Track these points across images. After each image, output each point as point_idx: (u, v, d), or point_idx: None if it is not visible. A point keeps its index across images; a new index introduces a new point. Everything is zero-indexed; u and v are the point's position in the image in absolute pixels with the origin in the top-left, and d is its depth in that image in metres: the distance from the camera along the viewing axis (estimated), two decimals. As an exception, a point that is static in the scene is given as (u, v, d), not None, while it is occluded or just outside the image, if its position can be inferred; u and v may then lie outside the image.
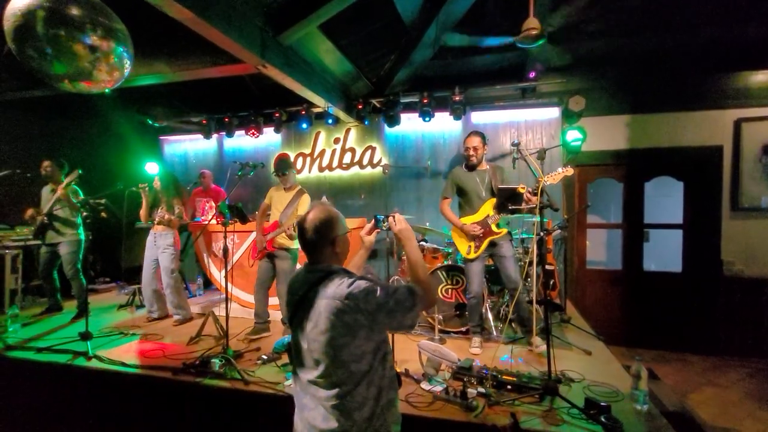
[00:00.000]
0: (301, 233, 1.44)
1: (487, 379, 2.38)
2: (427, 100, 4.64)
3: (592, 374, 2.57)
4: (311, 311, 1.34)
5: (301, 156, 5.55)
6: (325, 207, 1.47)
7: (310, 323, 1.34)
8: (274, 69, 3.21)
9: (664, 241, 5.06)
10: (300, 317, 1.38)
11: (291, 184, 3.54)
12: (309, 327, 1.34)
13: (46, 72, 1.68)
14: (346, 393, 1.31)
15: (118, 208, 3.83)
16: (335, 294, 1.31)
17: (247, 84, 5.27)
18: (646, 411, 2.10)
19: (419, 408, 2.17)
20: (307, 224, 1.42)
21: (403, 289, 1.37)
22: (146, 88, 4.60)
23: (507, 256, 3.00)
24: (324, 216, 1.43)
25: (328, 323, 1.30)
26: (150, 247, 3.91)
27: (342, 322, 1.29)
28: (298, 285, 1.44)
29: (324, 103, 4.38)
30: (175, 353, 3.05)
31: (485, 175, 3.12)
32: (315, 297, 1.34)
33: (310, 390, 1.37)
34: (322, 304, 1.32)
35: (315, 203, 1.51)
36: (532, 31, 2.68)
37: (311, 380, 1.35)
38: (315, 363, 1.35)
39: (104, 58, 1.77)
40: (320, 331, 1.31)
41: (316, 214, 1.43)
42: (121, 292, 5.31)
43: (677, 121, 4.51)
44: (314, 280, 1.38)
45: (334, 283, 1.35)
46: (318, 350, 1.32)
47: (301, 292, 1.39)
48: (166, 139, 6.39)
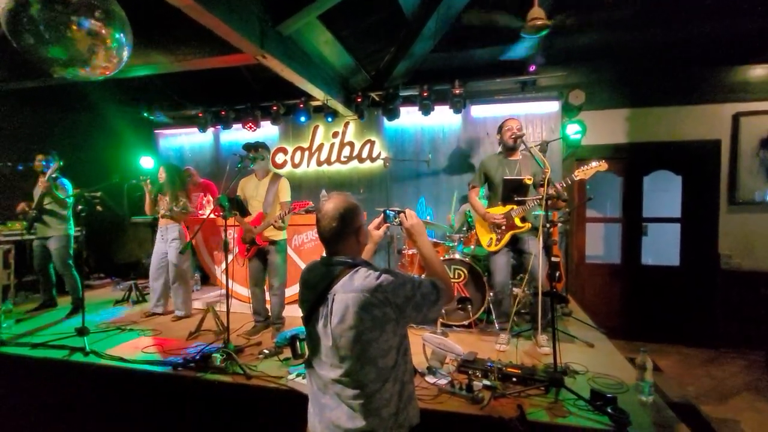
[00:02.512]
0: (322, 223, 1.35)
1: (492, 371, 2.37)
2: (426, 93, 4.60)
3: (596, 366, 2.57)
4: (336, 305, 1.28)
5: (300, 150, 5.49)
6: (345, 196, 1.39)
7: (335, 318, 1.27)
8: (273, 59, 3.15)
9: (661, 235, 5.09)
10: (321, 312, 1.32)
11: (265, 170, 3.31)
12: (334, 322, 1.27)
13: (42, 57, 1.62)
14: (375, 391, 1.27)
15: (115, 201, 3.75)
16: (364, 287, 1.26)
17: (244, 76, 5.18)
18: (651, 402, 2.10)
19: (424, 401, 2.15)
20: (330, 213, 1.33)
21: (427, 283, 1.34)
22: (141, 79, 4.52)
23: (531, 252, 2.87)
24: (348, 205, 1.36)
25: (356, 318, 1.24)
26: (158, 241, 3.87)
27: (371, 316, 1.24)
28: (317, 278, 1.36)
29: (323, 95, 4.33)
30: (175, 348, 3.01)
31: (516, 164, 2.98)
32: (340, 290, 1.28)
33: (333, 389, 1.30)
34: (350, 298, 1.26)
35: (331, 193, 1.43)
36: (536, 21, 2.65)
37: (335, 379, 1.29)
38: (340, 360, 1.28)
39: (102, 44, 1.71)
40: (348, 326, 1.25)
41: (339, 203, 1.35)
42: (116, 288, 5.23)
43: (676, 115, 4.52)
44: (338, 273, 1.31)
45: (360, 275, 1.29)
46: (345, 346, 1.26)
47: (322, 286, 1.32)
48: (161, 133, 6.29)
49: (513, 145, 2.94)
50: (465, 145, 4.97)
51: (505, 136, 3.00)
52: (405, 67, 4.75)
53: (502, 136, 3.05)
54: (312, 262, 1.46)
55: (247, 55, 3.12)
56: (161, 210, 3.81)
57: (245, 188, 3.27)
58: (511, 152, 3.02)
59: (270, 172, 3.29)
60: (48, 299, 4.22)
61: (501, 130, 3.09)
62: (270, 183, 3.20)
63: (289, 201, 3.23)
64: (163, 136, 6.32)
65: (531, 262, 2.90)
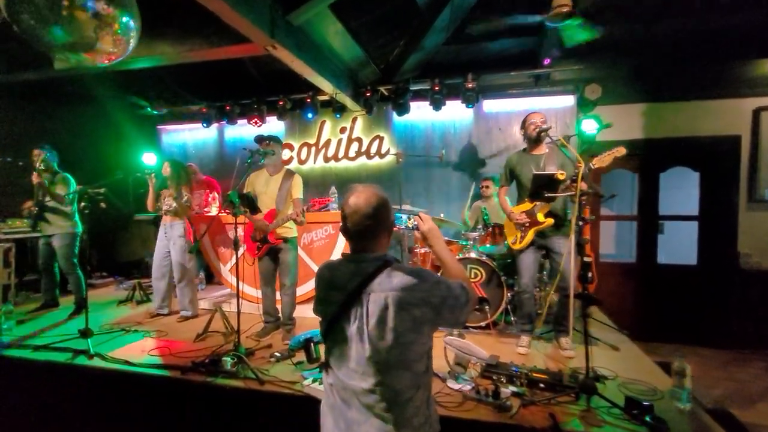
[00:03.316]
0: (353, 218, 1.23)
1: (518, 377, 2.26)
2: (438, 87, 4.47)
3: (624, 371, 2.46)
4: (372, 306, 1.17)
5: (306, 146, 5.36)
6: (374, 188, 1.27)
7: (372, 319, 1.16)
8: (283, 50, 3.02)
9: (675, 233, 4.98)
10: (354, 314, 1.20)
11: (277, 165, 3.17)
12: (372, 324, 1.16)
13: (44, 41, 1.50)
14: (408, 399, 1.19)
15: (118, 198, 3.63)
16: (403, 285, 1.17)
17: (248, 70, 5.06)
18: (689, 410, 1.99)
19: (449, 408, 2.04)
20: (363, 208, 1.22)
21: (456, 284, 1.25)
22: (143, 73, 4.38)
23: (561, 253, 2.73)
24: (381, 199, 1.25)
25: (397, 318, 1.15)
26: (161, 239, 3.74)
27: (411, 316, 1.16)
28: (345, 277, 1.23)
29: (332, 89, 4.20)
30: (183, 351, 2.89)
31: (541, 159, 2.83)
32: (377, 289, 1.18)
33: (363, 400, 1.19)
34: (389, 297, 1.16)
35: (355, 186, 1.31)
36: (563, 8, 2.53)
37: (368, 389, 1.17)
38: (375, 366, 1.17)
39: (108, 27, 1.59)
40: (388, 327, 1.15)
41: (371, 196, 1.23)
42: (119, 287, 5.12)
43: (694, 110, 4.39)
44: (371, 271, 1.20)
45: (398, 272, 1.20)
46: (384, 350, 1.16)
47: (354, 285, 1.20)
48: (163, 129, 6.17)
49: (537, 138, 2.81)
50: (477, 140, 4.85)
51: (529, 129, 2.88)
52: (415, 61, 4.62)
53: (526, 130, 2.92)
54: (332, 260, 1.34)
55: (255, 45, 2.98)
56: (164, 206, 3.68)
57: (255, 183, 3.13)
58: (535, 146, 2.89)
59: (283, 168, 3.15)
60: (50, 299, 4.11)
61: (525, 124, 2.95)
62: (283, 179, 3.07)
63: (302, 198, 3.11)
64: (165, 132, 6.20)
65: (560, 262, 2.75)
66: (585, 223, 2.32)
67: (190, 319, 3.76)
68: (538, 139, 2.82)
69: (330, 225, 3.78)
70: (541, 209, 2.79)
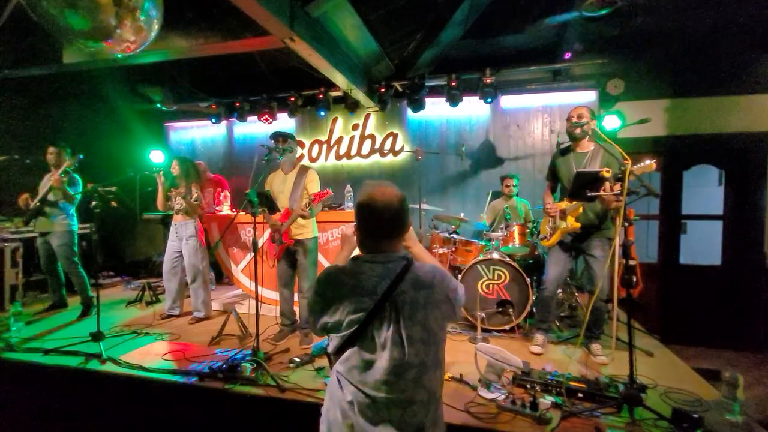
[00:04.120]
0: (384, 216, 1.15)
1: (554, 385, 2.14)
2: (455, 83, 4.35)
3: (663, 379, 2.35)
4: (407, 307, 1.11)
5: (317, 143, 5.25)
6: (391, 184, 1.20)
7: (407, 322, 1.10)
8: (302, 43, 2.91)
9: (693, 232, 4.86)
10: (387, 318, 1.10)
11: (292, 162, 3.06)
12: (409, 326, 1.10)
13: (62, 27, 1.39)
14: (436, 409, 1.17)
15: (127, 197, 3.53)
16: (432, 282, 1.16)
17: (259, 67, 4.94)
18: (741, 422, 1.88)
19: (485, 421, 1.93)
20: (395, 204, 1.16)
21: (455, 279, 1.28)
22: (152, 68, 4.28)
23: (596, 256, 2.62)
24: (403, 195, 1.20)
25: (431, 317, 1.13)
26: (172, 239, 3.64)
27: (441, 313, 1.16)
28: (374, 281, 1.13)
29: (347, 84, 4.08)
30: (198, 355, 2.79)
31: (584, 158, 2.67)
32: (410, 289, 1.13)
33: (392, 415, 1.10)
34: (422, 296, 1.13)
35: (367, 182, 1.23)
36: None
37: (402, 399, 1.10)
38: (416, 371, 1.11)
39: (130, 14, 1.48)
40: (426, 328, 1.12)
41: (395, 192, 1.18)
42: (127, 287, 5.03)
43: (720, 106, 4.25)
44: (400, 270, 1.14)
45: (423, 270, 1.18)
46: (423, 352, 1.12)
47: (384, 288, 1.11)
48: (171, 126, 6.06)
49: (574, 135, 2.69)
50: (494, 138, 4.72)
51: (567, 126, 2.75)
52: (431, 56, 4.49)
53: (567, 128, 2.78)
54: (344, 264, 1.22)
55: (273, 38, 2.87)
56: (175, 205, 3.58)
57: (273, 183, 3.02)
58: (578, 144, 2.74)
59: (297, 165, 3.03)
60: (58, 300, 4.01)
61: (567, 120, 2.81)
62: (297, 176, 2.94)
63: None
64: (173, 130, 6.10)
65: (594, 267, 2.64)
66: (629, 225, 2.20)
67: (202, 320, 3.67)
68: (575, 136, 2.68)
69: (345, 224, 3.67)
70: (572, 212, 2.66)
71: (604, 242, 2.67)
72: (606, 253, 2.63)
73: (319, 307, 1.16)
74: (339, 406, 1.15)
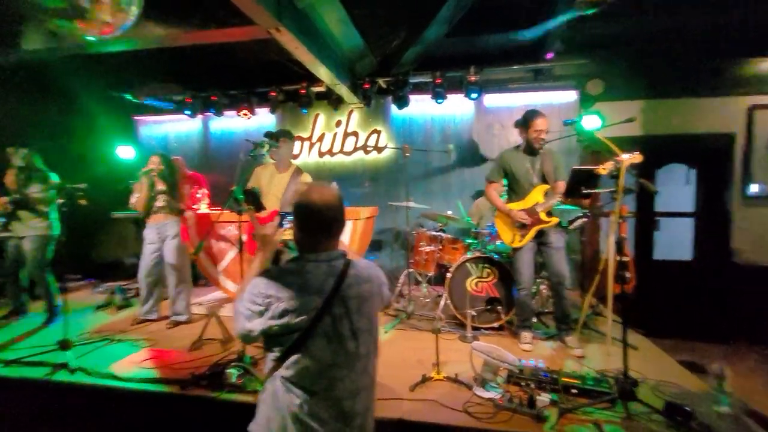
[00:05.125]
0: (329, 214, 1.23)
1: (548, 382, 2.15)
2: (440, 80, 4.33)
3: (650, 372, 2.40)
4: (353, 301, 1.20)
5: (299, 140, 5.11)
6: (328, 185, 1.32)
7: (355, 315, 1.20)
8: (288, 34, 2.79)
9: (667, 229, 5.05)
10: (336, 315, 1.17)
11: (286, 162, 3.01)
12: (356, 319, 1.19)
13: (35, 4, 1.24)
14: (374, 393, 1.29)
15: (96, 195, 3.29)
16: (370, 276, 1.28)
17: (237, 59, 4.75)
18: (730, 413, 1.94)
19: (483, 420, 1.91)
20: (337, 204, 1.24)
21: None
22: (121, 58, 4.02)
23: (557, 247, 2.76)
24: (340, 195, 1.29)
25: (372, 309, 1.26)
26: (151, 239, 3.40)
27: (377, 304, 1.29)
28: (320, 279, 1.18)
29: (331, 79, 3.98)
30: (178, 362, 2.63)
31: (538, 159, 2.85)
32: (354, 284, 1.22)
33: (344, 407, 1.17)
34: (365, 290, 1.24)
35: (308, 184, 1.33)
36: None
37: (352, 389, 1.19)
38: (365, 361, 1.22)
39: (108, -8, 1.34)
40: (369, 319, 1.25)
41: (334, 192, 1.26)
42: (95, 291, 4.74)
43: (691, 108, 4.44)
44: (342, 268, 1.22)
45: (361, 265, 1.28)
46: (369, 342, 1.24)
47: (330, 285, 1.17)
48: (141, 120, 5.75)
49: (536, 146, 2.82)
50: (477, 136, 4.74)
51: (531, 136, 2.82)
52: (415, 53, 4.45)
53: (528, 135, 2.85)
54: (292, 262, 1.24)
55: (258, 28, 2.74)
56: (157, 203, 3.38)
57: (261, 178, 2.87)
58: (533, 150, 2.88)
59: (292, 165, 2.92)
60: (18, 305, 3.71)
61: (528, 125, 2.85)
62: (291, 178, 2.83)
63: None
64: (144, 124, 5.78)
65: (555, 257, 2.78)
66: (623, 221, 2.24)
67: (180, 324, 3.48)
68: (535, 147, 2.82)
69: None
70: (544, 208, 2.76)
71: (560, 232, 2.85)
72: (563, 242, 2.80)
73: (259, 311, 1.15)
74: (286, 412, 1.14)
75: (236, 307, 1.23)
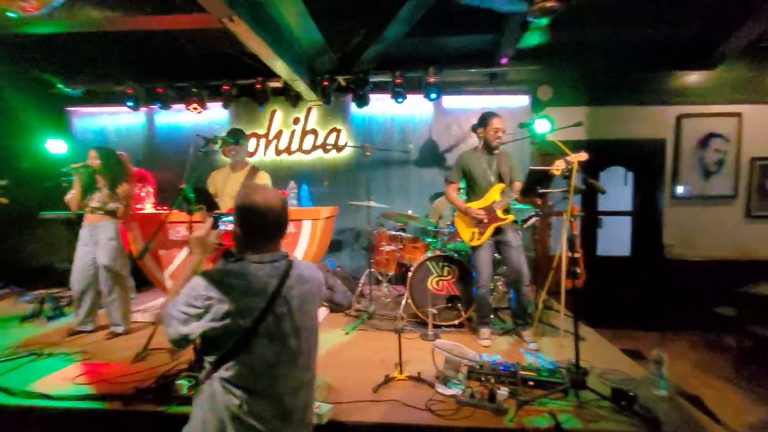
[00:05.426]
0: (273, 216, 1.24)
1: (506, 375, 2.22)
2: (400, 80, 4.35)
3: (597, 361, 2.56)
4: (296, 300, 1.23)
5: (255, 136, 4.90)
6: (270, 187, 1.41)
7: (298, 313, 1.22)
8: (242, 24, 2.65)
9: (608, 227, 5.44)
10: (280, 314, 1.19)
11: (242, 161, 2.95)
12: (298, 317, 1.22)
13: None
14: (314, 387, 1.35)
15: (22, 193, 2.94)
16: (312, 275, 1.33)
17: (185, 50, 4.47)
18: (667, 396, 2.11)
19: (446, 417, 1.92)
20: (281, 205, 1.26)
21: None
22: (52, 42, 3.64)
23: (514, 245, 2.88)
24: (283, 197, 1.33)
25: (313, 307, 1.31)
26: (85, 242, 3.09)
27: (318, 303, 1.36)
28: (263, 280, 1.19)
29: (289, 74, 3.85)
30: (120, 376, 2.41)
31: (494, 160, 2.98)
32: (296, 284, 1.25)
33: (285, 403, 1.20)
34: (305, 290, 1.27)
35: (249, 185, 1.38)
36: (546, 3, 2.54)
37: (294, 386, 1.22)
38: (307, 358, 1.26)
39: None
40: (312, 317, 1.30)
41: (275, 194, 1.30)
42: (20, 300, 4.24)
43: (629, 115, 4.80)
44: (285, 268, 1.25)
45: (302, 264, 1.32)
46: (311, 339, 1.29)
47: (274, 286, 1.19)
48: (75, 111, 5.24)
49: (493, 146, 2.95)
50: (436, 136, 4.82)
51: (489, 135, 2.94)
52: (375, 51, 4.43)
53: (486, 134, 2.96)
54: (235, 265, 1.22)
55: (209, 16, 2.58)
56: (92, 203, 3.08)
57: (217, 182, 2.74)
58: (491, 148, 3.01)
59: (248, 165, 2.80)
60: None
61: (486, 125, 2.97)
62: (247, 177, 2.71)
63: None
64: (78, 116, 5.27)
65: (513, 255, 2.90)
66: (574, 219, 2.36)
67: (121, 335, 3.21)
68: (492, 147, 2.96)
69: (291, 223, 3.46)
70: (500, 206, 2.88)
71: (516, 230, 2.99)
72: (520, 240, 2.94)
73: (197, 314, 1.13)
74: (225, 413, 1.13)
75: (168, 311, 1.18)
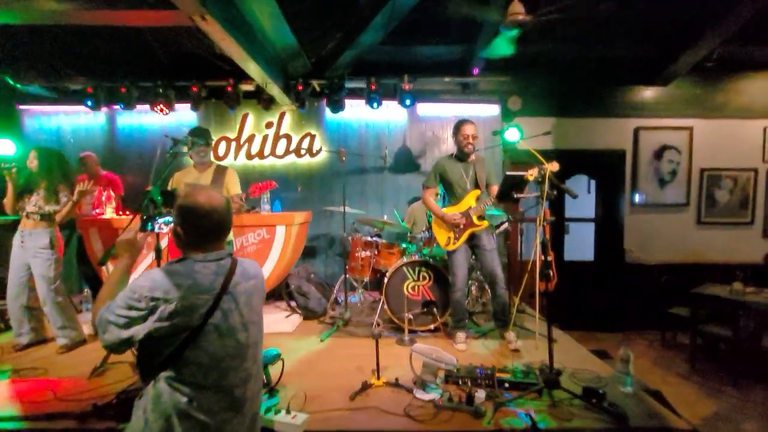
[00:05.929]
0: (219, 216, 1.27)
1: (483, 378, 2.24)
2: (375, 86, 4.37)
3: (568, 361, 2.63)
4: (242, 297, 1.27)
5: (225, 140, 4.76)
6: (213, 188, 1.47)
7: (245, 308, 1.27)
8: (215, 23, 2.57)
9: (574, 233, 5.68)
10: (227, 311, 1.22)
11: (207, 161, 2.90)
12: (245, 312, 1.26)
13: None
14: (261, 378, 1.42)
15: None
16: (256, 272, 1.39)
17: (152, 48, 4.29)
18: (633, 393, 2.19)
19: (425, 422, 1.91)
20: (224, 205, 1.30)
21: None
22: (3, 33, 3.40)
23: (488, 248, 2.93)
24: (226, 198, 1.37)
25: (259, 302, 1.36)
26: (18, 249, 2.87)
27: (262, 298, 1.42)
28: (209, 278, 1.21)
29: (263, 77, 3.78)
30: (74, 393, 2.24)
31: (470, 166, 3.03)
32: (242, 281, 1.29)
33: (234, 395, 1.22)
34: (251, 286, 1.32)
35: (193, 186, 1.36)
36: (518, 15, 2.63)
37: (243, 377, 1.25)
38: (252, 354, 1.29)
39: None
40: (257, 312, 1.34)
41: (218, 194, 1.33)
42: (-42, 314, 3.85)
43: (592, 126, 5.05)
44: (230, 267, 1.28)
45: (246, 263, 1.36)
46: (255, 334, 1.31)
47: (219, 284, 1.22)
48: (28, 110, 4.89)
49: (465, 152, 3.00)
50: (411, 143, 4.87)
51: (461, 141, 3.02)
52: (350, 57, 4.44)
53: (459, 141, 3.04)
54: (177, 264, 1.22)
55: (179, 13, 2.49)
56: (28, 207, 2.87)
57: (183, 181, 2.62)
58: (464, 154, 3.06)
59: (213, 164, 2.71)
60: None
61: (458, 131, 3.04)
62: (214, 176, 2.62)
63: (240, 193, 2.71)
64: (31, 114, 4.93)
65: (488, 258, 2.96)
66: (546, 224, 2.43)
67: (74, 348, 2.98)
68: (465, 153, 3.01)
69: (264, 228, 3.37)
70: (476, 212, 2.95)
71: (490, 234, 3.06)
72: (494, 244, 3.01)
73: (141, 316, 1.12)
74: (172, 412, 1.12)
75: (103, 316, 1.15)
